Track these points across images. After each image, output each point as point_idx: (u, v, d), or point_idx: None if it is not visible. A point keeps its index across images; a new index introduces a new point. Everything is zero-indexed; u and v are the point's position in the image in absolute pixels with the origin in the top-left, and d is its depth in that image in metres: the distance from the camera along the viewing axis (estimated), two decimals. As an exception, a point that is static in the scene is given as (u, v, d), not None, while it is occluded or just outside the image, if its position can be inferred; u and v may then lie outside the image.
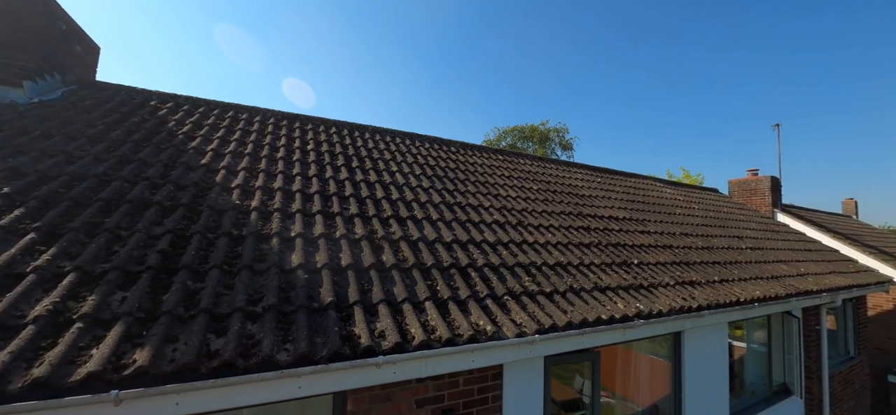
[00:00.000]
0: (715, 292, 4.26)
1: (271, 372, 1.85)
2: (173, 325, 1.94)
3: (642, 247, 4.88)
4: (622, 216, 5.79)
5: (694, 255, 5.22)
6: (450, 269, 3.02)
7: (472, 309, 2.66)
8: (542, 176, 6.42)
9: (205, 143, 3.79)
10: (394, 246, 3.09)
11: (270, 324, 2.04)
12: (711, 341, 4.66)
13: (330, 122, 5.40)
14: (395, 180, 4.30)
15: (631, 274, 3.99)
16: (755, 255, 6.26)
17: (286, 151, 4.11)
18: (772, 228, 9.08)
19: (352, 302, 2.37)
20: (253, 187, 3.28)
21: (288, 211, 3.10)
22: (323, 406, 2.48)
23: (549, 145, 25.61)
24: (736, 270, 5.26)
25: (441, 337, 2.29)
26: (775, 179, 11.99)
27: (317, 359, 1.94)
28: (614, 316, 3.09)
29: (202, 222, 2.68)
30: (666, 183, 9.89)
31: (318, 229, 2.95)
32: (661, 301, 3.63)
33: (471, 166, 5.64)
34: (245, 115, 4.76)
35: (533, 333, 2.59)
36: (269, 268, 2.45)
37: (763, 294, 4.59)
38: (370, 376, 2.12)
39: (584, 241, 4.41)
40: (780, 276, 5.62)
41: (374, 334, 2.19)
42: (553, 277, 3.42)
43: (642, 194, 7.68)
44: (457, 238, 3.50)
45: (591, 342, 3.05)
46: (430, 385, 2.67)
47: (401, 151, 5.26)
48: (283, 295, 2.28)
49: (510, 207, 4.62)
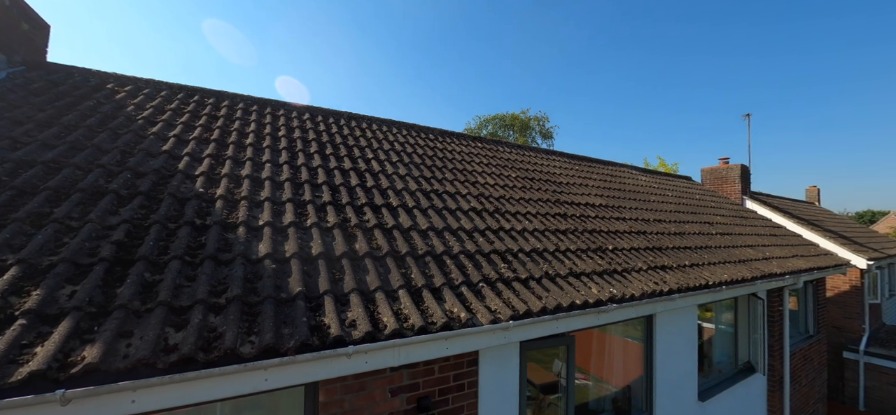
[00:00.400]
0: (685, 276, 4.38)
1: (234, 366, 1.78)
2: (128, 319, 1.84)
3: (617, 233, 4.96)
4: (599, 203, 5.88)
5: (666, 240, 5.35)
6: (425, 257, 2.98)
7: (446, 297, 2.64)
8: (520, 164, 6.43)
9: (167, 128, 3.59)
10: (368, 234, 3.03)
11: (234, 316, 1.96)
12: (682, 323, 4.81)
13: (303, 107, 5.23)
14: (371, 167, 4.21)
15: (605, 259, 4.05)
16: (724, 240, 6.48)
17: (256, 138, 3.96)
18: (741, 214, 9.41)
19: (322, 292, 2.30)
20: (219, 175, 3.14)
21: (256, 199, 2.98)
22: (294, 398, 2.43)
23: (530, 134, 25.77)
24: (706, 254, 5.42)
25: (414, 325, 2.26)
26: (745, 168, 12.43)
27: (283, 351, 1.88)
28: (588, 301, 3.13)
29: (162, 211, 2.55)
30: (642, 171, 10.10)
31: (288, 218, 2.86)
32: (634, 286, 3.70)
33: (449, 154, 5.59)
34: (212, 99, 4.55)
35: (507, 319, 2.59)
36: (234, 258, 2.35)
37: (730, 277, 4.75)
38: (341, 366, 2.07)
39: (561, 227, 4.44)
40: (747, 260, 5.84)
41: (345, 324, 2.14)
42: (529, 263, 3.43)
43: (619, 182, 7.81)
44: (433, 226, 3.46)
45: (566, 327, 3.09)
46: (405, 374, 2.64)
47: (377, 138, 5.15)
48: (248, 286, 2.20)
49: (488, 195, 4.60)
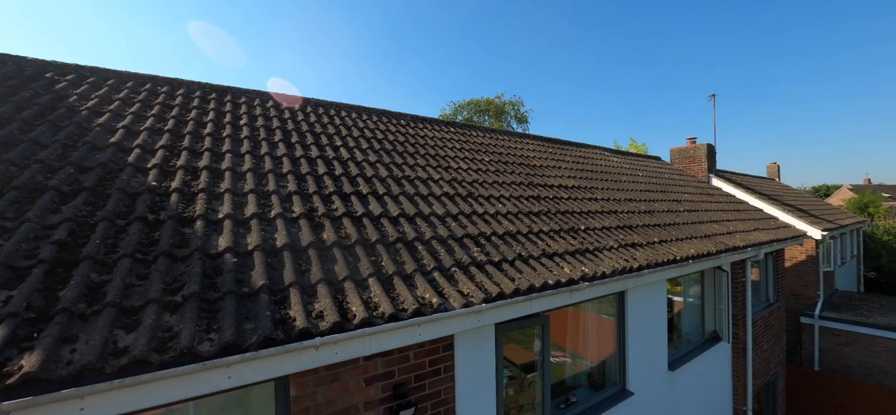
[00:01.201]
0: (654, 253, 4.50)
1: (192, 365, 1.69)
2: (72, 323, 1.71)
3: (589, 213, 5.04)
4: (571, 185, 5.95)
5: (637, 219, 5.48)
6: (395, 244, 2.92)
7: (418, 283, 2.60)
8: (494, 148, 6.42)
9: (115, 119, 3.35)
10: (336, 223, 2.94)
11: (191, 313, 1.86)
12: (652, 298, 4.97)
13: (267, 95, 5.01)
14: (339, 155, 4.08)
15: (578, 239, 4.11)
16: (691, 217, 6.71)
17: (215, 127, 3.76)
18: (707, 191, 9.77)
19: (287, 284, 2.22)
20: (173, 167, 2.97)
21: (215, 191, 2.83)
22: (265, 394, 2.36)
23: (505, 119, 25.84)
24: (674, 231, 5.60)
25: (384, 313, 2.21)
26: (711, 147, 12.87)
27: (245, 347, 1.80)
28: (560, 280, 3.16)
29: (110, 208, 2.38)
30: (613, 152, 10.30)
31: (251, 209, 2.73)
32: (606, 264, 3.77)
33: (421, 139, 5.50)
34: (165, 87, 4.27)
35: (480, 302, 2.58)
36: (191, 253, 2.22)
37: (697, 252, 4.92)
38: (309, 358, 2.01)
39: (534, 210, 4.47)
40: (712, 235, 6.06)
41: (311, 316, 2.06)
42: (502, 246, 3.43)
43: (591, 163, 7.93)
44: (404, 212, 3.39)
45: (540, 307, 3.11)
46: (379, 362, 2.61)
47: (346, 125, 5.00)
48: (207, 282, 2.09)
49: (461, 180, 4.56)
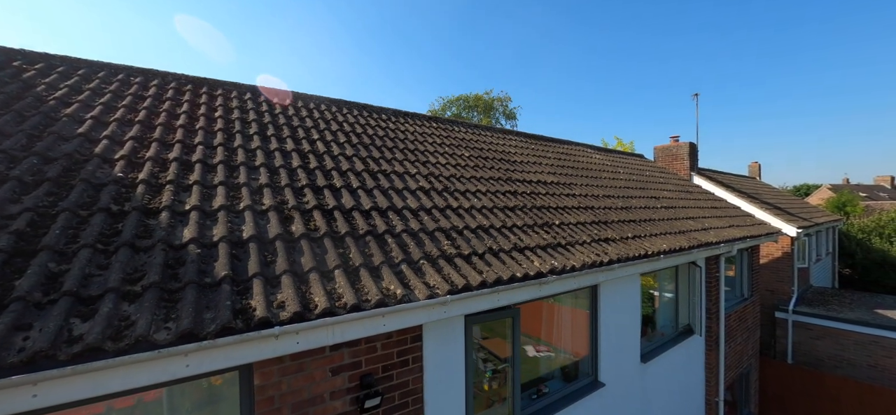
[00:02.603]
0: (627, 248, 4.61)
1: (148, 353, 1.71)
2: (27, 311, 1.72)
3: (565, 209, 5.13)
4: (550, 181, 6.04)
5: (612, 215, 5.59)
6: (365, 237, 2.96)
7: (384, 275, 2.64)
8: (475, 143, 6.47)
9: (83, 109, 3.32)
10: (305, 216, 2.96)
11: (150, 303, 1.88)
12: (625, 291, 5.09)
13: (245, 87, 4.98)
14: (315, 149, 4.09)
15: (551, 234, 4.19)
16: (668, 213, 6.86)
17: (188, 119, 3.74)
18: (687, 189, 9.98)
19: (251, 275, 2.24)
20: (142, 158, 2.96)
21: (183, 183, 2.84)
22: (230, 384, 2.39)
23: (494, 115, 25.93)
24: (649, 227, 5.73)
25: (347, 304, 2.26)
26: (693, 145, 13.12)
27: (203, 335, 1.83)
28: (528, 273, 3.23)
29: (73, 198, 2.37)
30: (597, 149, 10.44)
31: (219, 201, 2.74)
32: (576, 257, 3.86)
33: (401, 134, 5.53)
34: (138, 78, 4.23)
35: (445, 294, 2.64)
36: (154, 244, 2.24)
37: (669, 247, 5.05)
38: (269, 347, 2.04)
39: (510, 204, 4.54)
40: (686, 231, 6.22)
41: (273, 305, 2.10)
42: (474, 240, 3.49)
43: (572, 160, 8.04)
44: (376, 205, 3.43)
45: (508, 300, 3.18)
46: (346, 353, 2.65)
47: (325, 119, 5.00)
48: (169, 272, 2.11)
49: (438, 174, 4.61)
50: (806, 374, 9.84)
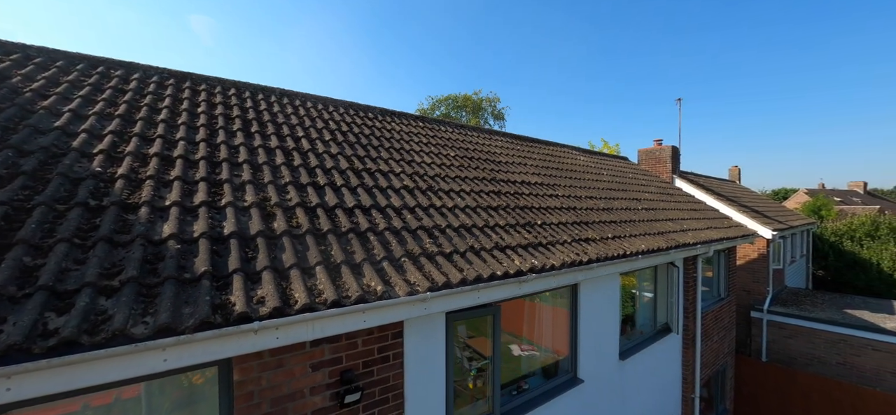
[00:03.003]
0: (606, 247, 4.73)
1: (125, 347, 1.73)
2: (0, 305, 1.72)
3: (548, 209, 5.24)
4: (534, 181, 6.14)
5: (594, 215, 5.72)
6: (347, 234, 3.00)
7: (365, 272, 2.68)
8: (461, 143, 6.54)
9: (61, 102, 3.27)
10: (288, 213, 2.98)
11: (128, 298, 1.89)
12: (604, 290, 5.22)
13: (229, 83, 4.94)
14: (300, 146, 4.10)
15: (532, 234, 4.28)
16: (648, 215, 7.03)
17: (170, 114, 3.70)
18: (668, 191, 10.22)
19: (231, 271, 2.26)
20: (122, 153, 2.93)
21: (164, 178, 2.83)
22: (210, 382, 2.39)
23: (482, 115, 26.07)
24: (629, 227, 5.87)
25: (327, 299, 2.29)
26: (675, 149, 13.42)
27: (181, 329, 1.85)
28: (508, 271, 3.31)
29: (49, 192, 2.35)
30: (582, 151, 10.62)
31: (200, 197, 2.74)
32: (556, 257, 3.95)
33: (387, 133, 5.55)
34: (119, 71, 4.16)
35: (425, 290, 2.69)
36: (133, 239, 2.23)
37: (647, 247, 5.19)
38: (248, 342, 2.07)
39: (493, 204, 4.61)
40: (665, 232, 6.39)
41: (253, 301, 2.12)
42: (456, 238, 3.55)
43: (557, 161, 8.17)
44: (360, 203, 3.46)
45: (488, 297, 3.25)
46: (327, 349, 2.68)
47: (310, 117, 5.00)
48: (147, 267, 2.11)
49: (422, 174, 4.66)
50: (779, 371, 10.19)
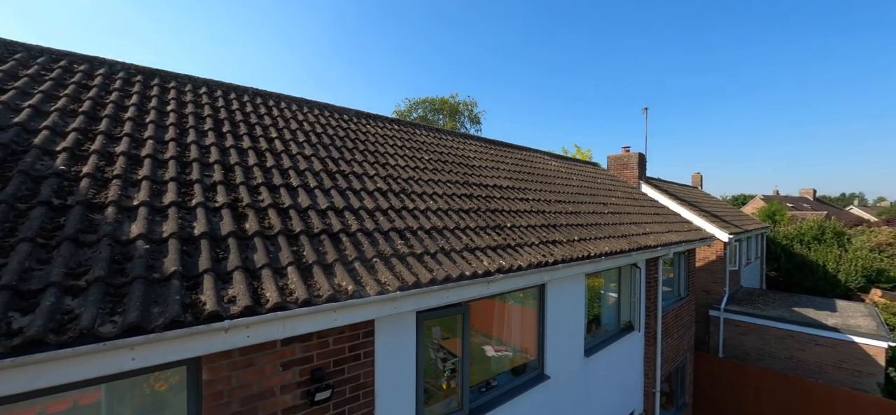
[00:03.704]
0: (572, 249, 4.97)
1: (93, 345, 1.75)
2: (-40, 305, 1.70)
3: (518, 212, 5.43)
4: (506, 185, 6.34)
5: (562, 219, 5.97)
6: (320, 235, 3.06)
7: (337, 272, 2.76)
8: (436, 147, 6.66)
9: (21, 97, 3.17)
10: (260, 213, 3.01)
11: (95, 297, 1.90)
12: (570, 291, 5.46)
13: (200, 80, 4.87)
14: (273, 147, 4.11)
15: (502, 236, 4.45)
16: (614, 218, 7.38)
17: (137, 111, 3.64)
18: (634, 196, 10.70)
19: (202, 271, 2.29)
20: (87, 151, 2.88)
21: (132, 178, 2.80)
22: (177, 388, 2.39)
23: (459, 118, 26.33)
24: (595, 231, 6.16)
25: (298, 298, 2.36)
26: (641, 155, 14.04)
27: (150, 328, 1.88)
28: (477, 272, 3.46)
29: (10, 191, 2.30)
30: (553, 156, 10.96)
31: (170, 197, 2.74)
32: (524, 258, 4.14)
33: (362, 135, 5.61)
34: (83, 66, 4.04)
35: (395, 290, 2.79)
36: (99, 239, 2.23)
37: (610, 249, 5.47)
38: (219, 340, 2.11)
39: (465, 207, 4.76)
40: (628, 235, 6.73)
41: (223, 300, 2.17)
42: (427, 240, 3.66)
43: (529, 166, 8.43)
44: (333, 205, 3.53)
45: (457, 297, 3.39)
46: (298, 347, 2.73)
47: (284, 117, 4.99)
48: (115, 267, 2.12)
49: (397, 176, 4.75)
50: (733, 366, 10.85)
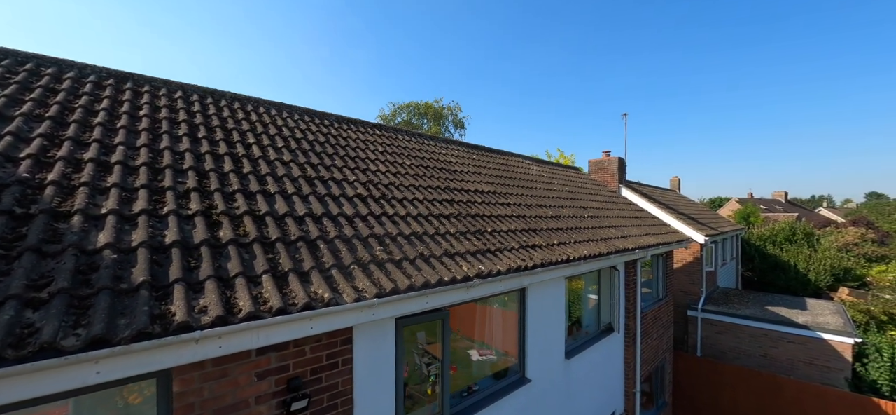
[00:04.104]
0: (551, 254, 5.04)
1: (54, 359, 1.70)
2: (-90, 320, 1.63)
3: (499, 217, 5.49)
4: (487, 190, 6.39)
5: (542, 223, 6.06)
6: (297, 242, 3.03)
7: (313, 279, 2.74)
8: (417, 152, 6.68)
9: (-18, 101, 3.06)
10: (235, 221, 2.97)
11: (58, 309, 1.85)
12: (551, 294, 5.54)
13: (175, 84, 4.77)
14: (250, 153, 4.06)
15: (482, 241, 4.49)
16: (593, 222, 7.52)
17: (108, 116, 3.55)
18: (613, 200, 10.93)
19: (172, 280, 2.25)
20: (52, 158, 2.80)
21: (100, 185, 2.73)
22: (149, 401, 2.34)
23: (444, 123, 26.42)
24: (574, 234, 6.27)
25: (272, 307, 2.34)
26: (621, 160, 14.35)
27: (116, 341, 1.83)
28: (456, 277, 3.48)
29: (-32, 199, 2.22)
30: (535, 161, 11.11)
31: (140, 205, 2.68)
32: (503, 262, 4.18)
33: (343, 140, 5.59)
34: (51, 69, 3.92)
35: (372, 297, 2.79)
36: (64, 249, 2.16)
37: (589, 253, 5.58)
38: (189, 352, 2.08)
39: (445, 212, 4.79)
40: (607, 238, 6.87)
41: (194, 310, 2.13)
42: (406, 246, 3.67)
43: (511, 171, 8.53)
44: (311, 212, 3.50)
45: (437, 302, 3.40)
46: (273, 357, 2.70)
47: (263, 122, 4.93)
48: (80, 278, 2.06)
49: (377, 182, 4.75)
50: (710, 365, 11.15)
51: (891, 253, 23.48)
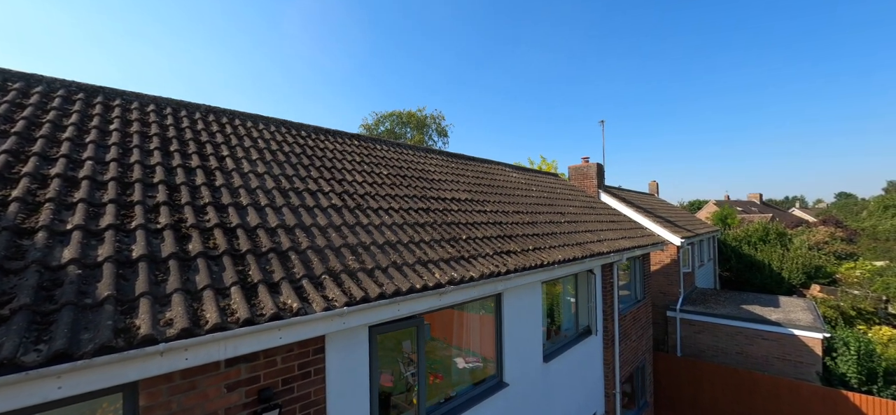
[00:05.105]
0: (526, 259, 5.17)
1: (13, 375, 1.71)
2: None
3: (475, 224, 5.60)
4: (464, 198, 6.51)
5: (518, 229, 6.19)
6: (268, 254, 3.07)
7: (283, 290, 2.78)
8: (395, 162, 6.76)
9: (-57, 119, 3.03)
10: (205, 234, 3.00)
11: (19, 326, 1.86)
12: (527, 299, 5.66)
13: (148, 98, 4.76)
14: (223, 166, 4.08)
15: (456, 248, 4.59)
16: (570, 227, 7.70)
17: (76, 131, 3.54)
18: (591, 205, 11.19)
19: (138, 294, 2.27)
20: (17, 174, 2.79)
21: (66, 201, 2.74)
22: (113, 405, 2.35)
23: (427, 131, 26.60)
24: (550, 239, 6.42)
25: (239, 318, 2.38)
26: (600, 166, 14.71)
27: (78, 355, 1.85)
28: (427, 284, 3.56)
29: (-74, 218, 2.21)
30: (514, 168, 11.30)
31: (107, 220, 2.69)
32: (476, 269, 4.28)
33: (320, 151, 5.64)
34: (18, 83, 3.88)
35: (342, 305, 2.85)
36: (26, 266, 2.17)
37: (563, 257, 5.73)
38: (155, 364, 2.10)
39: (421, 221, 4.87)
40: (583, 243, 7.05)
41: (160, 323, 2.16)
42: (379, 255, 3.74)
43: (490, 178, 8.68)
44: (284, 223, 3.54)
45: (410, 310, 3.47)
46: (243, 368, 2.73)
47: (238, 135, 4.95)
48: (42, 294, 2.07)
49: (353, 192, 4.81)
50: (689, 364, 11.43)
51: (858, 251, 24.52)
